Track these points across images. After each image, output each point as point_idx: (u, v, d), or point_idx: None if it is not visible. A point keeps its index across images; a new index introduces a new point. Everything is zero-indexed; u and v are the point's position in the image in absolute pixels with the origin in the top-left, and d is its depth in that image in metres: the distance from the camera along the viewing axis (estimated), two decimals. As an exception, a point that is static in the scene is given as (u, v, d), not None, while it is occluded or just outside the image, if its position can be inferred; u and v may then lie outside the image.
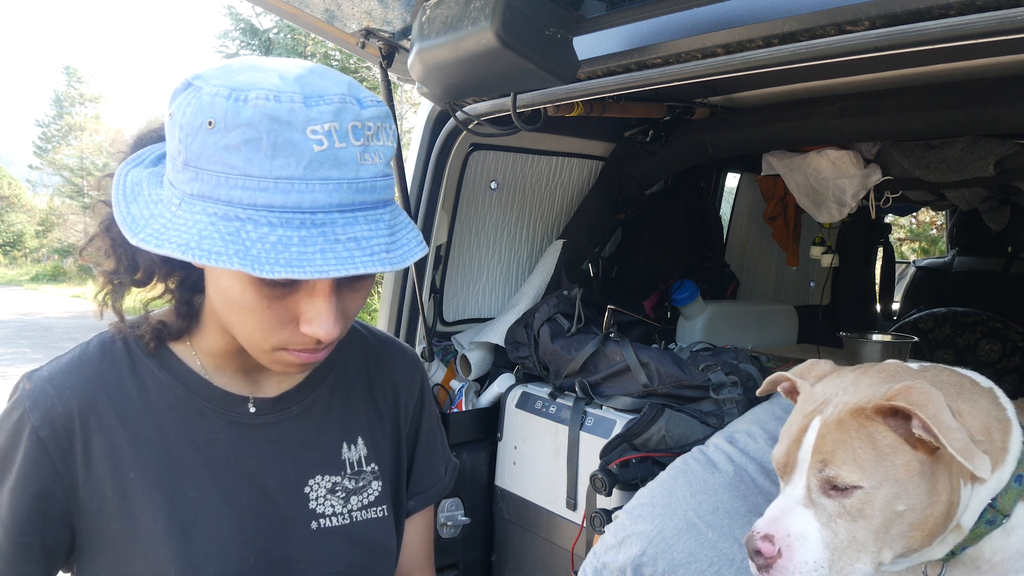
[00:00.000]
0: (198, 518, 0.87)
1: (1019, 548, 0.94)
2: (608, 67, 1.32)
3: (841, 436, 0.90)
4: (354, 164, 0.72)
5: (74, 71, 31.81)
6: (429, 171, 2.03)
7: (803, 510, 0.90)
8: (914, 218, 11.71)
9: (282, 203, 0.70)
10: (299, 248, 0.70)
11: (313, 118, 0.70)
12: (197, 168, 0.72)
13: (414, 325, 2.09)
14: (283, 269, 0.68)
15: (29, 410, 0.84)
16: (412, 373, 1.11)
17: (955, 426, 0.84)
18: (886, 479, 0.87)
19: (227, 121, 0.70)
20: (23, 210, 35.38)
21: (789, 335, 2.85)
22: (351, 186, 0.72)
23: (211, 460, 0.90)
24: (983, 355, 3.25)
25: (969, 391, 0.95)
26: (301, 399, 0.97)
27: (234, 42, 17.05)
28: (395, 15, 1.51)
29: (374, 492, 1.00)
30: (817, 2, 1.04)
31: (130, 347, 0.90)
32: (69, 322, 14.23)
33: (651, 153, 2.28)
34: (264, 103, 0.69)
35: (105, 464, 0.85)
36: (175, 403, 0.89)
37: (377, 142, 0.75)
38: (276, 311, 0.78)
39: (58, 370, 0.87)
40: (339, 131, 0.71)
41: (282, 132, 0.69)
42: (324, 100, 0.71)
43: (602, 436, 1.76)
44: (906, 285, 4.23)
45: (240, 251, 0.69)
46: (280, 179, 0.70)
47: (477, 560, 2.13)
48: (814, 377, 1.05)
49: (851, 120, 1.81)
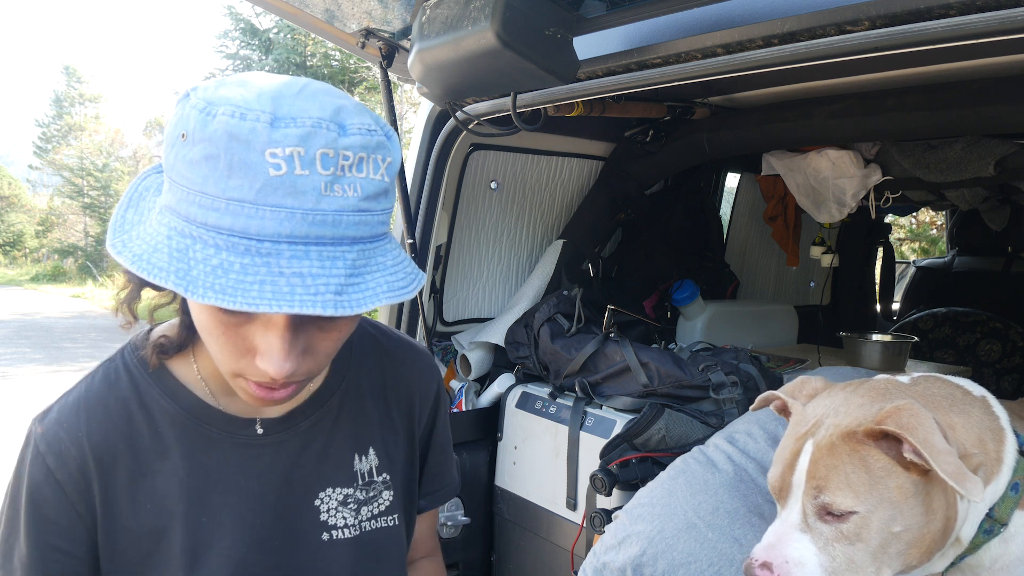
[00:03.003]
0: (212, 543, 0.88)
1: (1018, 556, 0.93)
2: (608, 67, 1.32)
3: (834, 461, 0.89)
4: (315, 194, 0.67)
5: (74, 71, 31.78)
6: (429, 171, 2.03)
7: (800, 535, 0.90)
8: (914, 218, 11.71)
9: (229, 226, 0.66)
10: (238, 276, 0.66)
11: (275, 140, 0.66)
12: (171, 180, 0.70)
13: (414, 325, 2.09)
14: (216, 296, 0.65)
15: (44, 454, 0.84)
16: (428, 378, 1.10)
17: (945, 449, 0.83)
18: (881, 502, 0.87)
19: (194, 135, 0.67)
20: (23, 210, 35.38)
21: (789, 335, 2.85)
22: (306, 217, 0.67)
23: (222, 485, 0.90)
24: (983, 355, 3.25)
25: (961, 402, 0.94)
26: (309, 414, 0.96)
27: (234, 42, 17.05)
28: (395, 15, 1.51)
29: (385, 502, 1.00)
30: (817, 2, 1.04)
31: (133, 375, 0.90)
32: (69, 322, 14.22)
33: (651, 153, 2.28)
34: (228, 119, 0.66)
35: (121, 498, 0.86)
36: (182, 433, 0.89)
37: (356, 173, 0.69)
38: (232, 339, 0.74)
39: (67, 411, 0.87)
40: (303, 157, 0.66)
41: (239, 152, 0.66)
42: (295, 123, 0.67)
43: (602, 436, 1.76)
44: (906, 285, 4.23)
45: (182, 270, 0.66)
46: (232, 200, 0.66)
47: (477, 560, 2.13)
48: (805, 396, 1.05)
49: (851, 120, 1.81)
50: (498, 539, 2.12)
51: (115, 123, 37.86)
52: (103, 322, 14.22)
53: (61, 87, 31.88)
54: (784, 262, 3.13)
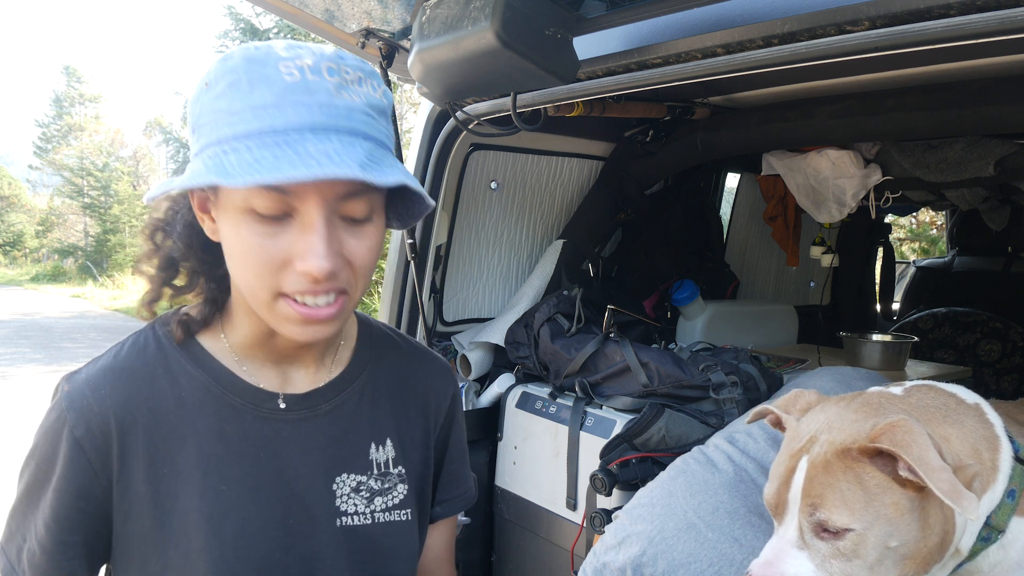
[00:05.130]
0: (228, 512, 0.89)
1: (1017, 561, 0.93)
2: (608, 67, 1.32)
3: (828, 479, 0.89)
4: (326, 94, 0.77)
5: (74, 71, 31.77)
6: (429, 171, 2.03)
7: (797, 552, 0.91)
8: (914, 218, 11.71)
9: (258, 128, 0.76)
10: (271, 162, 0.74)
11: (287, 58, 0.77)
12: (199, 127, 0.80)
13: (414, 325, 2.09)
14: (254, 176, 0.72)
15: (67, 411, 0.87)
16: (443, 383, 1.12)
17: (940, 466, 0.83)
18: (877, 519, 0.87)
19: (216, 76, 0.79)
20: (23, 210, 35.38)
21: (789, 335, 2.85)
22: (323, 109, 0.77)
23: (242, 455, 0.92)
24: (983, 355, 3.25)
25: (955, 412, 0.94)
26: (331, 397, 0.98)
27: (234, 42, 17.04)
28: (395, 15, 1.51)
29: (399, 495, 1.01)
30: (817, 2, 1.04)
31: (161, 344, 0.93)
32: (69, 322, 14.22)
33: (651, 153, 2.28)
34: (244, 51, 0.79)
35: (140, 462, 0.88)
36: (207, 398, 0.91)
37: (358, 87, 0.80)
38: (270, 251, 0.80)
39: (95, 372, 0.90)
40: (311, 67, 0.77)
41: (257, 69, 0.77)
42: (303, 49, 0.79)
43: (602, 436, 1.76)
44: (906, 285, 4.23)
45: (218, 168, 0.75)
46: (256, 108, 0.76)
47: (477, 560, 2.13)
48: (799, 410, 1.05)
49: (851, 120, 1.81)
50: (498, 539, 2.12)
51: (115, 123, 37.92)
52: (103, 322, 14.22)
53: (61, 87, 31.88)
54: (784, 262, 3.13)
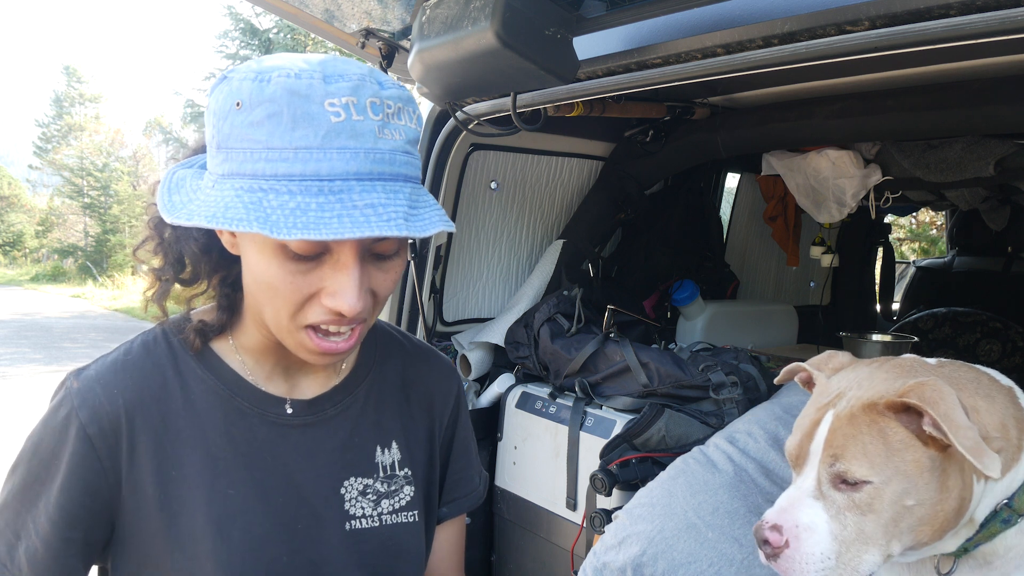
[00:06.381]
0: (235, 516, 0.89)
1: None
2: (608, 67, 1.32)
3: (852, 431, 0.90)
4: (371, 136, 0.75)
5: (74, 71, 31.74)
6: (429, 171, 2.03)
7: (813, 502, 0.91)
8: (914, 218, 11.71)
9: (301, 172, 0.73)
10: (316, 213, 0.72)
11: (331, 92, 0.74)
12: (227, 148, 0.77)
13: (414, 325, 2.09)
14: (300, 231, 0.71)
15: (77, 408, 0.86)
16: (448, 382, 1.12)
17: (966, 424, 0.83)
18: (896, 474, 0.87)
19: (252, 100, 0.74)
20: (23, 210, 35.36)
21: (789, 335, 2.85)
22: (368, 155, 0.75)
23: (249, 459, 0.91)
24: (983, 355, 3.25)
25: (988, 387, 0.94)
26: (337, 401, 0.98)
27: (234, 42, 17.06)
28: (395, 15, 1.51)
29: (406, 497, 1.01)
30: (817, 2, 1.04)
31: (172, 345, 0.93)
32: (69, 322, 14.22)
33: (651, 153, 2.28)
34: (285, 80, 0.74)
35: (148, 461, 0.87)
36: (215, 402, 0.91)
37: (398, 121, 0.78)
38: (299, 286, 0.79)
39: (105, 369, 0.90)
40: (356, 105, 0.75)
41: (301, 105, 0.73)
42: (343, 78, 0.75)
43: (602, 436, 1.76)
44: (906, 285, 4.23)
45: (260, 216, 0.72)
46: (299, 149, 0.73)
47: (477, 560, 2.13)
48: (831, 369, 1.05)
49: (851, 120, 1.81)
50: (498, 539, 2.12)
51: (115, 123, 37.90)
52: (103, 322, 14.22)
53: (61, 87, 31.85)
54: (784, 262, 3.13)
